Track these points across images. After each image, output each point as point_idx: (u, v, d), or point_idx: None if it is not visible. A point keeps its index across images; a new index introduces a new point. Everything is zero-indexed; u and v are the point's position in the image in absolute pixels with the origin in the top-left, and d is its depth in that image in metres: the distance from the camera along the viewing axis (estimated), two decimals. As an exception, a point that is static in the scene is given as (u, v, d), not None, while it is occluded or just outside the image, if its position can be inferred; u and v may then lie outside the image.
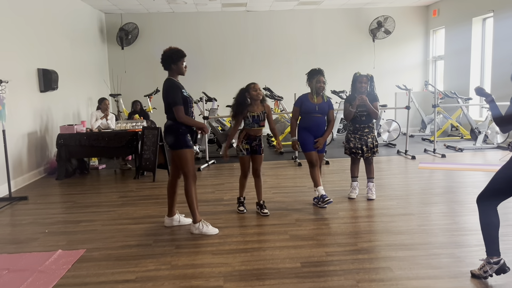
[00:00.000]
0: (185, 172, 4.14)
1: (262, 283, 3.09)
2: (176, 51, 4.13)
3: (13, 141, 6.37)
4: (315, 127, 4.91)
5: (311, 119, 4.89)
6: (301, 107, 4.91)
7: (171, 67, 4.14)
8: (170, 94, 4.05)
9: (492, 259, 2.95)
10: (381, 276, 3.14)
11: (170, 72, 4.18)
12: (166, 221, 4.44)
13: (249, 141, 4.67)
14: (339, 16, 11.79)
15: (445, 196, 5.30)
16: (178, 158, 4.15)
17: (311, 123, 4.89)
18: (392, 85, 11.03)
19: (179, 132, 4.10)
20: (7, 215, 5.12)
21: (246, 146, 4.68)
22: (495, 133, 8.70)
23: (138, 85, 11.35)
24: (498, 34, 9.00)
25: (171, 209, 4.42)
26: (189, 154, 4.13)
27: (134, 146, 7.01)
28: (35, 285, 3.18)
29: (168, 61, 4.12)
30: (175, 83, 4.11)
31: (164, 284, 3.13)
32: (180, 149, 4.10)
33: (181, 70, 4.17)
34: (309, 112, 4.88)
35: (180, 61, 4.13)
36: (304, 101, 4.91)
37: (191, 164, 4.14)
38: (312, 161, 4.87)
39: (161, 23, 11.55)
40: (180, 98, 4.05)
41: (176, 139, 4.10)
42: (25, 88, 6.89)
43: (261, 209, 4.74)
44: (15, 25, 6.66)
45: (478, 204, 3.04)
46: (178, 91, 4.05)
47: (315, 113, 4.88)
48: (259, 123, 4.65)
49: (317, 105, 4.87)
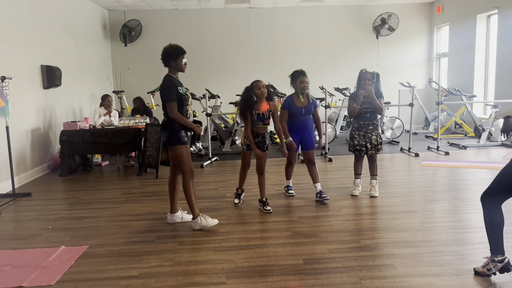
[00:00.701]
0: (181, 168, 4.16)
1: (265, 279, 3.09)
2: (175, 48, 4.13)
3: (16, 138, 6.39)
4: (302, 127, 5.04)
5: (298, 120, 5.01)
6: (289, 110, 4.98)
7: (171, 64, 4.15)
8: (164, 91, 4.07)
9: (497, 258, 2.93)
10: (384, 273, 3.13)
11: (170, 69, 4.19)
12: (168, 218, 4.45)
13: (252, 137, 4.68)
14: (343, 13, 11.74)
15: (449, 193, 5.28)
16: (173, 155, 4.18)
17: (298, 124, 5.02)
18: (395, 82, 11.01)
19: (173, 128, 4.11)
20: (11, 211, 5.14)
21: (248, 143, 4.70)
22: (499, 130, 8.66)
23: (141, 82, 11.36)
24: (503, 31, 8.94)
25: (173, 206, 4.43)
26: (184, 150, 4.14)
27: (137, 143, 7.02)
28: (38, 280, 3.19)
29: (168, 58, 4.13)
30: (171, 80, 4.12)
31: (167, 281, 3.14)
32: (174, 145, 4.12)
33: (180, 67, 4.17)
34: (296, 115, 4.99)
35: (179, 58, 4.13)
36: (291, 104, 4.98)
37: (187, 160, 4.15)
38: (290, 160, 5.27)
39: (164, 20, 11.54)
40: (175, 95, 4.05)
41: (170, 135, 4.12)
42: (28, 84, 6.90)
43: (263, 206, 4.74)
44: (18, 22, 6.67)
45: (483, 203, 3.02)
46: (173, 88, 4.06)
47: (302, 115, 5.00)
48: (264, 121, 4.67)
49: (303, 108, 4.97)
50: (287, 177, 5.44)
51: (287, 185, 5.45)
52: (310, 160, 5.11)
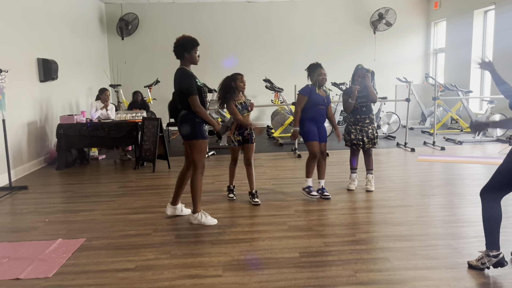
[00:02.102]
0: (195, 162, 4.08)
1: (261, 272, 3.12)
2: (190, 39, 4.03)
3: (13, 131, 6.37)
4: (321, 118, 4.93)
5: (317, 111, 4.88)
6: (310, 97, 4.84)
7: (184, 55, 4.03)
8: (184, 84, 3.96)
9: (492, 252, 2.96)
10: (379, 267, 3.16)
11: (183, 61, 4.08)
12: (169, 210, 4.41)
13: (241, 131, 4.72)
14: (340, 7, 11.73)
15: (444, 188, 5.32)
16: (192, 148, 4.08)
17: (317, 115, 4.89)
18: (392, 77, 11.02)
19: (195, 122, 4.02)
20: (7, 204, 5.14)
21: (238, 138, 4.74)
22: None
23: (138, 75, 11.33)
24: (500, 26, 8.96)
25: (176, 198, 4.39)
26: (204, 146, 4.09)
27: (134, 137, 7.01)
28: (35, 273, 3.20)
29: (182, 49, 4.01)
30: (189, 72, 4.03)
31: (164, 273, 3.16)
32: (195, 139, 4.04)
33: (194, 59, 4.08)
34: (318, 103, 4.85)
35: (193, 50, 4.04)
36: (312, 91, 4.85)
37: (203, 155, 4.11)
38: (315, 152, 4.83)
39: (161, 14, 11.50)
40: (195, 87, 3.97)
41: (192, 129, 4.02)
42: (25, 77, 6.87)
43: (252, 198, 4.79)
44: (15, 14, 6.63)
45: (482, 197, 3.03)
46: (192, 80, 3.98)
47: (323, 105, 4.89)
48: (248, 108, 4.75)
49: (325, 98, 4.90)
50: (308, 174, 4.93)
51: (308, 186, 4.93)
52: (323, 152, 4.98)
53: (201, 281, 3.02)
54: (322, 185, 5.03)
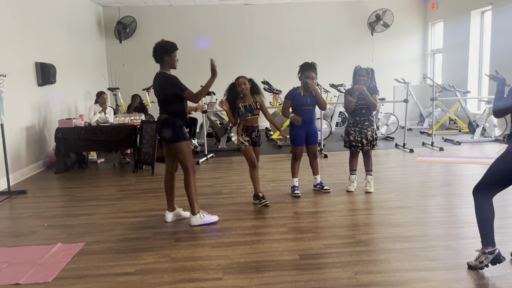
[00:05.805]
0: (184, 164, 4.14)
1: (261, 275, 3.11)
2: (170, 43, 4.12)
3: (11, 135, 6.37)
4: (307, 120, 5.03)
5: (303, 112, 5.01)
6: (293, 100, 5.02)
7: (165, 58, 4.09)
8: (172, 85, 4.03)
9: (487, 249, 2.99)
10: (379, 268, 3.16)
11: (163, 65, 4.14)
12: (168, 217, 4.37)
13: (248, 133, 4.71)
14: (337, 9, 11.76)
15: (443, 189, 5.33)
16: (176, 152, 4.14)
17: (304, 117, 5.00)
18: (390, 78, 11.03)
19: (176, 125, 4.09)
20: (6, 208, 5.13)
21: (246, 138, 4.71)
22: (493, 126, 8.73)
23: (136, 78, 11.31)
24: (497, 27, 8.99)
25: (171, 204, 4.39)
26: (187, 147, 4.14)
27: (133, 140, 7.01)
28: (35, 278, 3.20)
29: (162, 52, 4.07)
30: (171, 75, 4.12)
31: (164, 277, 3.15)
32: (177, 142, 4.10)
33: (174, 62, 4.15)
34: (301, 105, 5.00)
35: (173, 53, 4.11)
36: (295, 94, 5.03)
37: (189, 156, 4.15)
38: (296, 154, 5.14)
39: (159, 17, 11.50)
40: (182, 84, 4.06)
41: (173, 132, 4.09)
42: (23, 81, 6.87)
43: (259, 201, 4.74)
44: (13, 18, 6.63)
45: (474, 196, 3.08)
46: (177, 79, 4.07)
47: (307, 105, 5.00)
48: (252, 112, 4.70)
49: (308, 98, 5.00)
50: (294, 175, 5.21)
51: (293, 186, 5.21)
52: (314, 154, 5.23)
53: (201, 284, 3.01)
54: (319, 180, 5.24)
